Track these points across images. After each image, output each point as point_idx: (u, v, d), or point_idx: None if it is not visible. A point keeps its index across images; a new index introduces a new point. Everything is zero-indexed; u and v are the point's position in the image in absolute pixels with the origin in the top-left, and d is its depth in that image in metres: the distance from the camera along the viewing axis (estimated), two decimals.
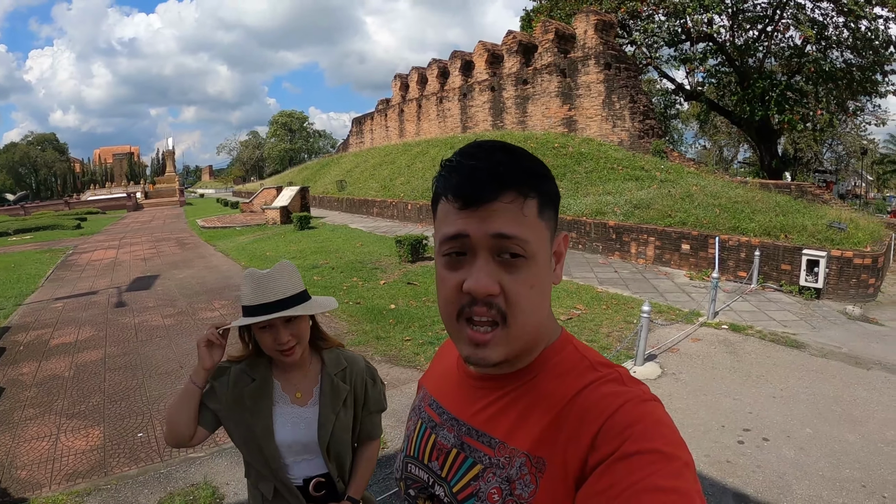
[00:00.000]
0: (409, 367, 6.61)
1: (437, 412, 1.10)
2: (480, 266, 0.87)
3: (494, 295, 0.86)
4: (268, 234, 20.23)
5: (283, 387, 1.96)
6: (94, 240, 24.49)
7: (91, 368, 6.98)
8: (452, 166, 0.90)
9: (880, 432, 4.89)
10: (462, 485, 0.97)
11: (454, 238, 0.88)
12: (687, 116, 44.06)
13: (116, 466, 4.58)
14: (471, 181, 0.87)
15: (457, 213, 0.88)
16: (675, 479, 0.74)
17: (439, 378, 1.18)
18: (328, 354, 2.05)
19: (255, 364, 1.96)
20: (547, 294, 0.94)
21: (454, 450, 1.01)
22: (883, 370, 6.35)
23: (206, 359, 1.85)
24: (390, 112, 36.97)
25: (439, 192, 0.93)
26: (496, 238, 0.86)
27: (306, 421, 1.93)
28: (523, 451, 0.90)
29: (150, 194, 62.55)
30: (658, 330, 7.65)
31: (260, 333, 1.85)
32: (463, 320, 0.90)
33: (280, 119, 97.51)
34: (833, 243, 9.79)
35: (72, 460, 4.69)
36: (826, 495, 3.94)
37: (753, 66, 26.27)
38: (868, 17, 22.34)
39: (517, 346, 0.91)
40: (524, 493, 0.87)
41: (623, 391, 0.87)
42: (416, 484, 1.08)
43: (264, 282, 1.82)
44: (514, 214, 0.86)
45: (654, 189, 14.55)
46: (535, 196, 0.88)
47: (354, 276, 11.54)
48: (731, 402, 5.54)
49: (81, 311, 10.19)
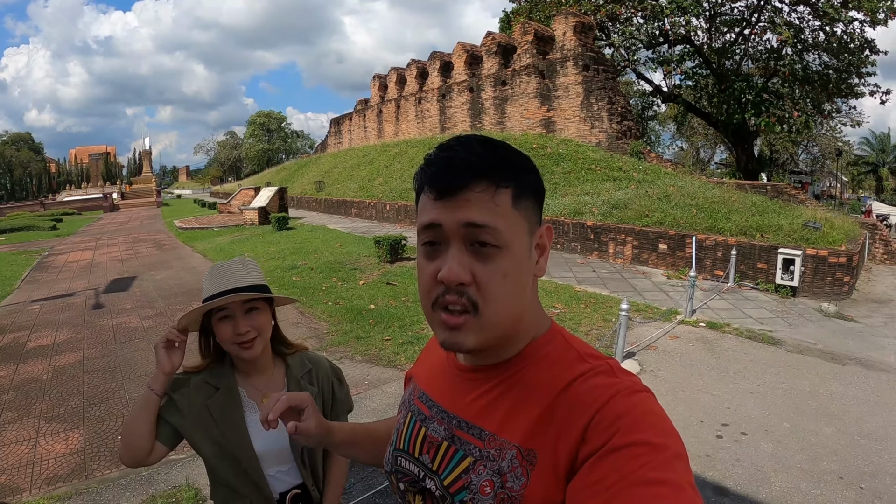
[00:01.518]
0: (389, 366, 6.59)
1: (427, 405, 1.10)
2: (453, 255, 0.87)
3: (466, 284, 0.87)
4: (246, 235, 20.08)
5: (249, 394, 1.87)
6: (70, 241, 24.20)
7: (70, 371, 6.89)
8: (430, 159, 0.92)
9: (856, 425, 4.96)
10: (453, 477, 0.96)
11: (429, 227, 0.90)
12: (664, 118, 44.43)
13: (97, 469, 4.52)
14: (444, 171, 0.88)
15: (432, 203, 0.89)
16: (666, 471, 0.74)
17: (429, 371, 1.18)
18: (291, 358, 1.99)
19: (218, 373, 1.87)
20: (524, 284, 0.93)
21: (445, 442, 1.00)
22: (858, 365, 6.44)
23: (165, 362, 1.72)
24: (369, 112, 36.83)
25: (419, 184, 0.94)
26: (467, 227, 0.86)
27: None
28: (514, 443, 0.90)
29: (127, 195, 61.79)
30: (636, 328, 7.70)
31: (219, 326, 1.78)
32: (438, 308, 0.91)
33: (258, 119, 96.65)
34: (808, 242, 9.91)
35: (52, 464, 4.62)
36: (804, 487, 3.99)
37: (730, 69, 26.52)
38: (844, 20, 22.64)
39: (491, 334, 0.91)
40: (515, 485, 0.87)
41: (613, 382, 0.87)
42: (406, 478, 1.08)
43: (224, 270, 1.80)
44: (485, 203, 0.87)
45: (631, 189, 14.63)
46: (510, 186, 0.89)
47: (333, 277, 11.48)
48: (709, 397, 5.59)
49: (59, 313, 10.06)
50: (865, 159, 58.01)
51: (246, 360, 1.83)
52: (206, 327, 1.86)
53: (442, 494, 0.97)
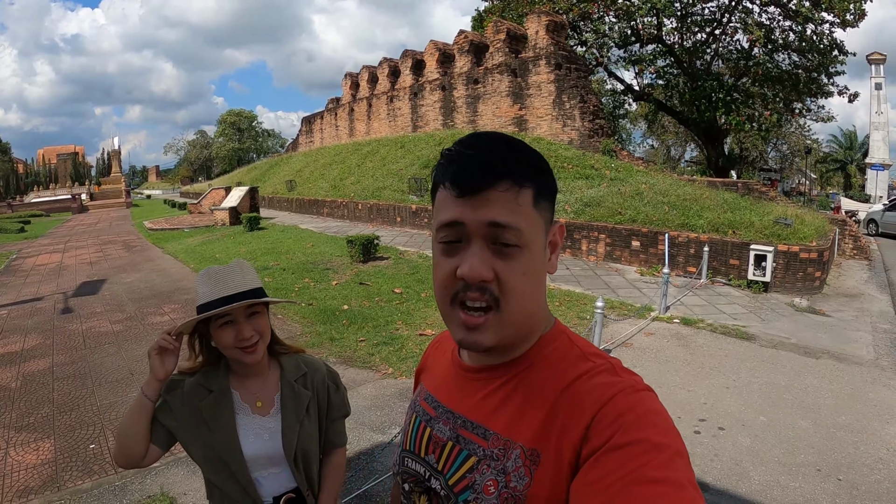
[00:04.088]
0: (364, 367, 6.52)
1: (433, 406, 1.10)
2: (475, 252, 0.87)
3: (488, 281, 0.87)
4: (217, 236, 19.82)
5: (243, 396, 1.84)
6: (38, 243, 23.66)
7: (39, 378, 6.68)
8: (451, 156, 0.91)
9: (832, 418, 5.00)
10: (457, 477, 0.96)
11: (450, 225, 0.89)
12: (635, 116, 44.86)
13: (69, 480, 4.37)
14: (468, 170, 0.88)
15: (453, 200, 0.89)
16: (666, 470, 0.74)
17: (434, 372, 1.19)
18: (287, 360, 1.95)
19: (211, 375, 1.84)
20: (541, 283, 0.94)
21: (450, 442, 1.01)
22: (831, 359, 6.51)
23: (158, 368, 1.70)
24: (340, 111, 36.65)
25: (438, 180, 0.94)
26: (491, 226, 0.86)
27: (269, 431, 1.83)
28: (518, 443, 0.90)
29: (96, 196, 60.84)
30: (611, 325, 7.71)
31: (219, 332, 1.74)
32: (457, 304, 0.91)
33: (228, 118, 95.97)
34: (780, 238, 10.02)
35: (23, 475, 4.46)
36: (783, 480, 4.00)
37: (701, 68, 26.83)
38: (815, 20, 23.01)
39: (509, 331, 0.91)
40: (519, 485, 0.87)
41: (615, 381, 0.87)
42: (412, 478, 1.09)
43: (223, 275, 1.75)
44: (508, 203, 0.87)
45: (604, 187, 14.70)
46: (531, 186, 0.89)
47: (306, 278, 11.37)
48: (685, 393, 5.60)
49: (27, 318, 9.80)
50: (833, 156, 59.04)
51: (247, 363, 1.81)
52: (197, 329, 1.83)
53: (446, 494, 0.98)
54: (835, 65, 25.33)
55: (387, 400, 5.57)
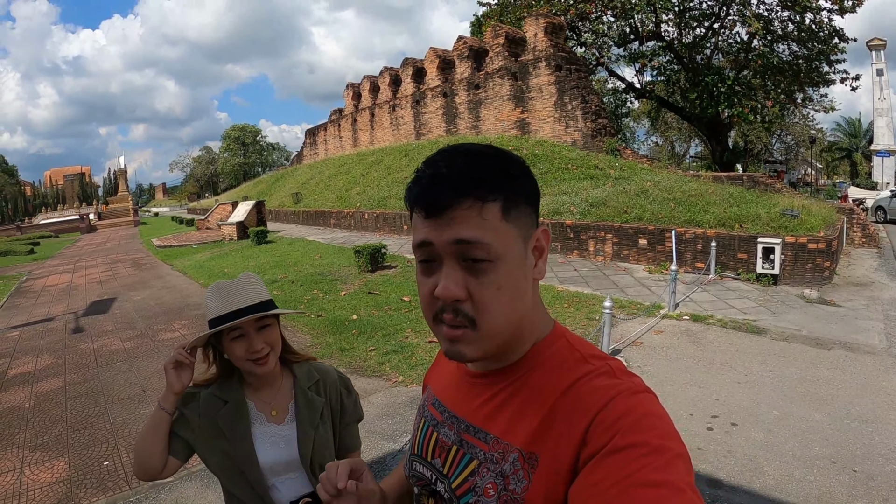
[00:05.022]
0: (374, 377, 6.52)
1: (439, 410, 1.12)
2: (447, 273, 0.88)
3: (461, 300, 0.87)
4: (225, 251, 19.89)
5: (258, 406, 1.88)
6: (48, 264, 23.77)
7: (52, 397, 6.71)
8: (417, 176, 0.92)
9: (846, 409, 4.96)
10: (460, 480, 0.97)
11: (421, 246, 0.91)
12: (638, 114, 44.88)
13: (84, 498, 4.39)
14: (429, 191, 0.88)
15: (423, 221, 0.90)
16: (666, 472, 0.74)
17: (441, 377, 1.20)
18: (299, 368, 1.98)
19: (225, 386, 1.88)
20: (521, 291, 0.93)
21: (454, 447, 1.02)
22: (843, 349, 6.47)
23: (174, 382, 1.74)
24: (343, 122, 36.75)
25: (407, 202, 0.94)
26: (458, 244, 0.86)
27: (285, 439, 1.86)
28: (516, 446, 0.90)
29: (104, 215, 61.03)
30: (621, 325, 7.69)
31: (231, 345, 1.77)
32: (440, 321, 0.91)
33: (233, 133, 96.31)
34: (787, 230, 9.98)
35: (38, 494, 4.48)
36: (798, 474, 3.97)
37: (702, 63, 26.77)
38: (813, 9, 22.93)
39: (490, 344, 0.91)
40: (517, 488, 0.87)
41: (614, 384, 0.87)
42: (420, 482, 1.11)
43: (232, 289, 1.78)
44: (473, 219, 0.86)
45: (608, 187, 14.68)
46: (498, 198, 0.88)
47: (315, 289, 11.39)
48: (697, 390, 5.58)
49: (39, 338, 9.86)
50: (839, 145, 58.71)
51: (259, 375, 1.84)
52: (210, 342, 1.87)
53: (450, 497, 0.99)
54: (836, 52, 25.20)
55: (398, 408, 5.57)
